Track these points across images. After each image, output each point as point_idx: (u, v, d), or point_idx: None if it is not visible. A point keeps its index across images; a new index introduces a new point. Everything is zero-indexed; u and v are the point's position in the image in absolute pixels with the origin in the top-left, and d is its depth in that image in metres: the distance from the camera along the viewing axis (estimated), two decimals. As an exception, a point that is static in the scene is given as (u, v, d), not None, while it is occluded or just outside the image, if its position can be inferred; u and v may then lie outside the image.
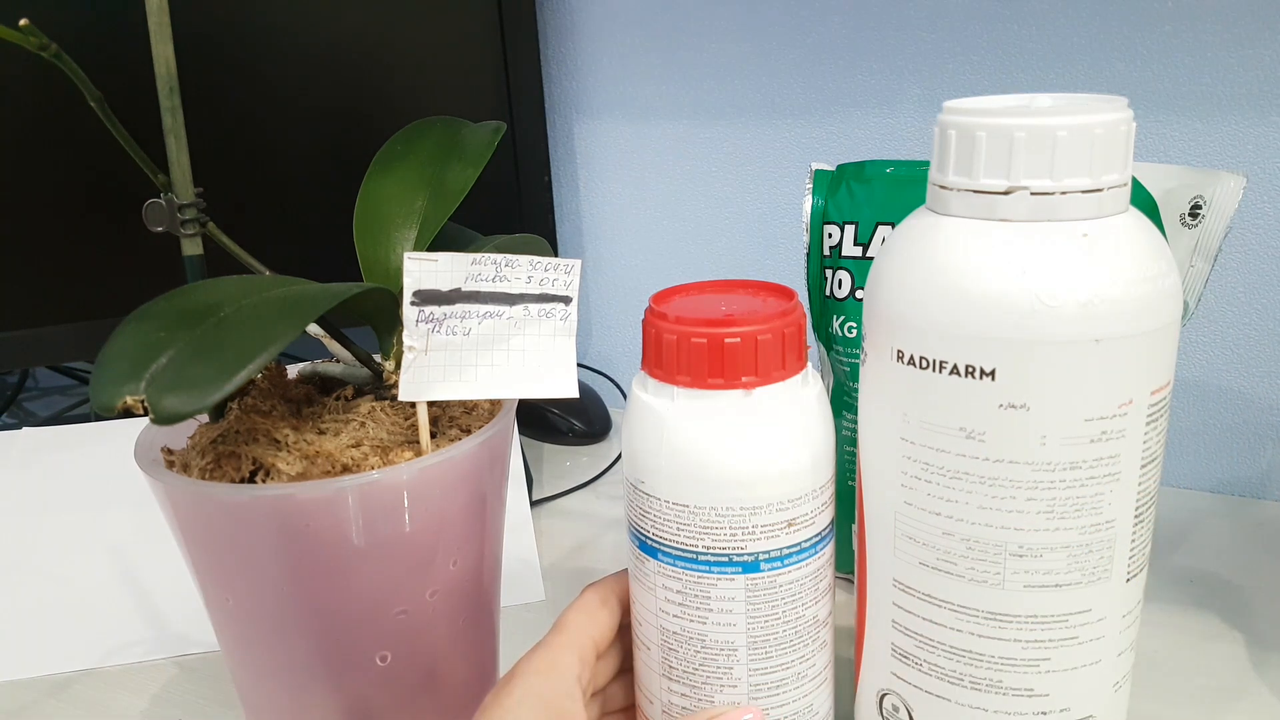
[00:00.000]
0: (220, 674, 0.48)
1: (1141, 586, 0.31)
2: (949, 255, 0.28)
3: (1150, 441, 0.29)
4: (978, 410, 0.28)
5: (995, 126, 0.27)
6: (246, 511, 0.31)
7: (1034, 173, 0.27)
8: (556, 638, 0.32)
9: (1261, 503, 0.60)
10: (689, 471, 0.30)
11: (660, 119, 0.73)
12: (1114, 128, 0.27)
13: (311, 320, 0.31)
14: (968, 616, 0.30)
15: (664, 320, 0.30)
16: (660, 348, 0.30)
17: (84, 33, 0.57)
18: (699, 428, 0.30)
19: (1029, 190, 0.27)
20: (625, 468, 0.32)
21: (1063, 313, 0.26)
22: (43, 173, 0.58)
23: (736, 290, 0.32)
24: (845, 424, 0.49)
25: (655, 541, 0.31)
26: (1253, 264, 0.58)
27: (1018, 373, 0.27)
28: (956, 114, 0.28)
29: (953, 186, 0.28)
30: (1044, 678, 0.30)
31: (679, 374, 0.30)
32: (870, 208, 0.46)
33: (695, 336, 0.29)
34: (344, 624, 0.33)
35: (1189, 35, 0.56)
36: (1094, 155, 0.27)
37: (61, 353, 0.62)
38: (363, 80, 0.65)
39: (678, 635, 0.31)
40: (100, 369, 0.29)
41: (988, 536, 0.29)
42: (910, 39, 0.63)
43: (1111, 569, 0.29)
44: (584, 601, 0.34)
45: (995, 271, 0.27)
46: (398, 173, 0.40)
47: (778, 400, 0.30)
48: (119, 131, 0.34)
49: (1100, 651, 0.30)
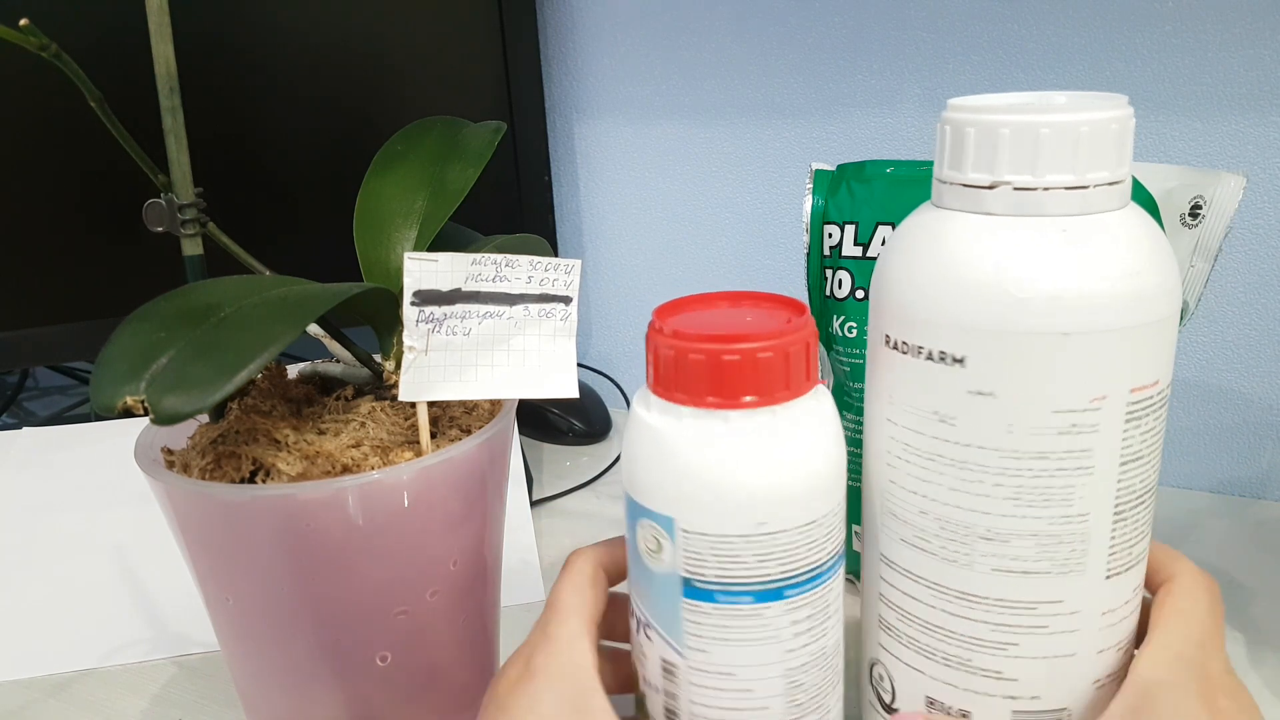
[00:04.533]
0: (220, 674, 0.48)
1: (1133, 587, 0.31)
2: (934, 245, 0.29)
3: (1132, 440, 0.29)
4: (949, 395, 0.29)
5: (983, 123, 0.28)
6: (246, 511, 0.31)
7: (1017, 168, 0.27)
8: (560, 627, 0.31)
9: (1261, 503, 0.60)
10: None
11: (660, 119, 0.73)
12: (1102, 126, 0.27)
13: (311, 320, 0.31)
14: (940, 593, 0.31)
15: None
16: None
17: (84, 33, 0.57)
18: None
19: (1011, 185, 0.28)
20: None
21: (1031, 305, 0.27)
22: (43, 173, 0.58)
23: (745, 303, 0.31)
24: (846, 424, 0.49)
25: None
26: (1253, 264, 0.58)
27: (986, 361, 0.28)
28: (955, 111, 0.29)
29: (946, 180, 0.29)
30: (1012, 662, 0.30)
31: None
32: (870, 208, 0.46)
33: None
34: (344, 624, 0.33)
35: (1189, 35, 0.56)
36: (1079, 153, 0.27)
37: (61, 353, 0.62)
38: (363, 80, 0.65)
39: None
40: (100, 369, 0.29)
41: (958, 518, 0.30)
42: (910, 39, 0.63)
43: (1086, 563, 0.29)
44: (578, 577, 0.32)
45: (971, 262, 0.28)
46: (398, 172, 0.40)
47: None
48: (119, 131, 0.34)
49: (1075, 645, 0.30)
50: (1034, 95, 0.31)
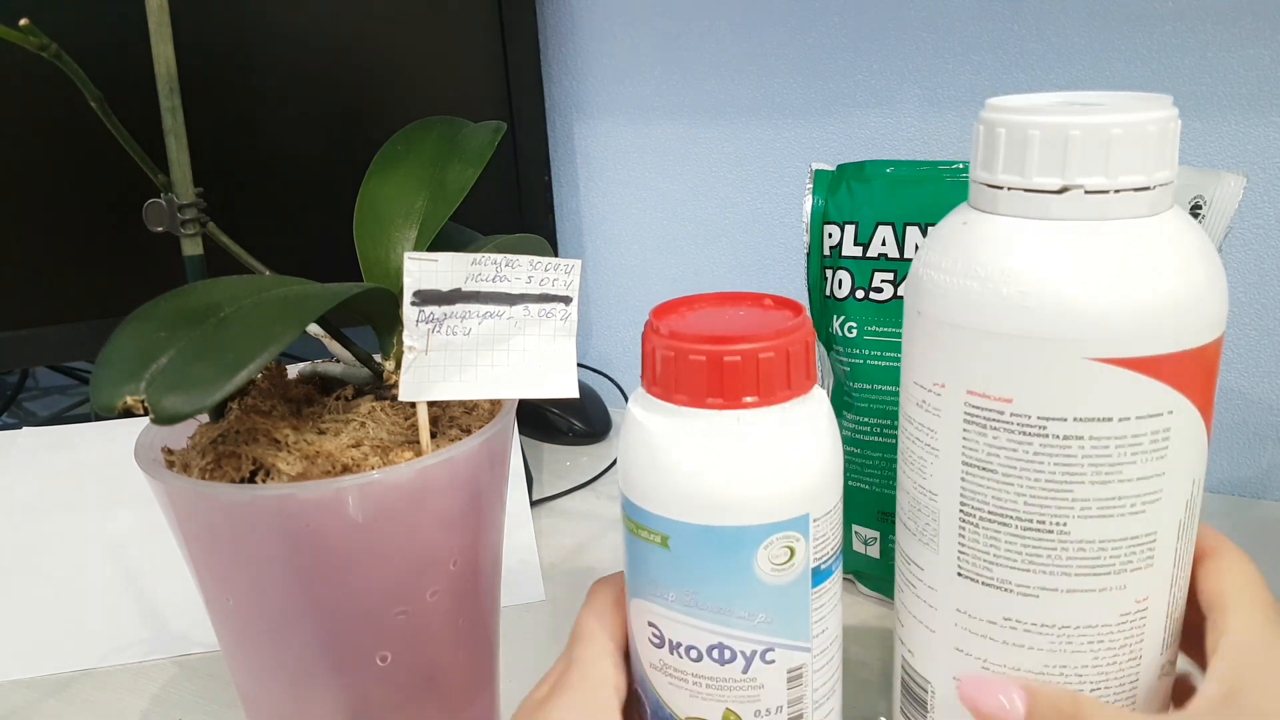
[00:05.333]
0: (220, 674, 0.48)
1: (998, 596, 0.30)
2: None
3: (977, 447, 0.29)
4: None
5: (1016, 123, 0.28)
6: (247, 511, 0.31)
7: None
8: (585, 649, 0.31)
9: (1261, 503, 0.60)
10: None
11: (660, 119, 0.73)
12: (1008, 127, 0.28)
13: (311, 320, 0.31)
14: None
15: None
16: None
17: (84, 33, 0.57)
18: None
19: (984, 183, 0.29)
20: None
21: (911, 279, 0.31)
22: (43, 173, 0.58)
23: (742, 303, 0.31)
24: (846, 424, 0.49)
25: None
26: (1253, 264, 0.58)
27: (906, 328, 0.32)
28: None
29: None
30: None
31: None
32: (870, 208, 0.46)
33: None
34: (344, 624, 0.33)
35: (1189, 35, 0.56)
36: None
37: (61, 353, 0.62)
38: (363, 80, 0.65)
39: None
40: (100, 369, 0.29)
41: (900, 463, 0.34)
42: (910, 39, 0.63)
43: (938, 542, 0.31)
44: (599, 604, 0.32)
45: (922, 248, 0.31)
46: (398, 173, 0.40)
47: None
48: (119, 131, 0.34)
49: (936, 622, 0.32)
50: (1064, 95, 0.31)
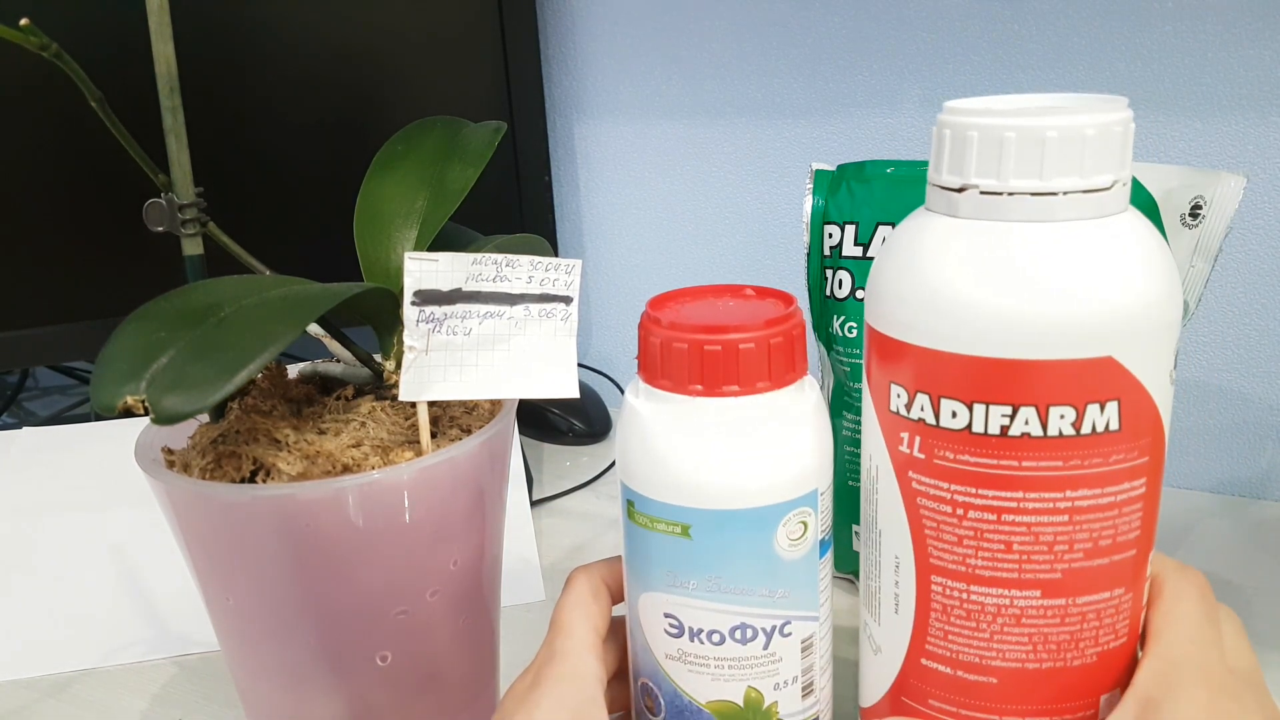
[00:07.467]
0: (220, 674, 0.48)
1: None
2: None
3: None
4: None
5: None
6: (247, 511, 0.31)
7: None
8: (566, 641, 0.31)
9: (1261, 503, 0.60)
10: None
11: (660, 119, 0.73)
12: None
13: (311, 320, 0.31)
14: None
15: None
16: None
17: (84, 33, 0.57)
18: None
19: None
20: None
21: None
22: (43, 173, 0.58)
23: (737, 295, 0.32)
24: (845, 424, 0.49)
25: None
26: (1253, 264, 0.58)
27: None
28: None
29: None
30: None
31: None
32: (870, 208, 0.46)
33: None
34: (344, 624, 0.33)
35: (1189, 35, 0.56)
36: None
37: (61, 353, 0.62)
38: (363, 80, 0.65)
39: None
40: (100, 369, 0.29)
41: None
42: (910, 39, 0.63)
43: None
44: (578, 594, 0.33)
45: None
46: (398, 173, 0.40)
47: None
48: (119, 131, 0.34)
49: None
50: (1021, 98, 0.30)
